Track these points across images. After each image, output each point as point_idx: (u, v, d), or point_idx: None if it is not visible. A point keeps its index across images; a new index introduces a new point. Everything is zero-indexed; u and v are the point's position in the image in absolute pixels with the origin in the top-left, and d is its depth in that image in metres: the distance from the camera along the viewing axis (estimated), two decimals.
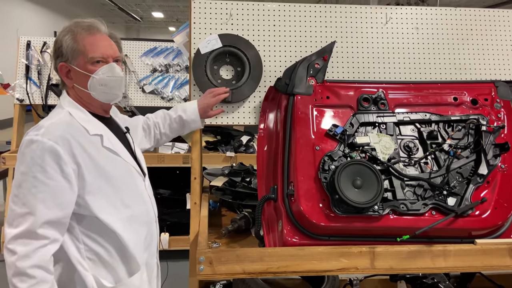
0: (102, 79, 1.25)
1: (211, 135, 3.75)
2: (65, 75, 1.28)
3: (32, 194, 1.13)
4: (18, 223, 1.12)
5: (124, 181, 1.32)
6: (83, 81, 1.26)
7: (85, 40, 1.25)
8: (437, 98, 1.75)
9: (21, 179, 1.14)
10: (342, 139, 1.61)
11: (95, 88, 1.26)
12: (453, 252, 1.51)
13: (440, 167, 1.62)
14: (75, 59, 1.24)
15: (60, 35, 1.27)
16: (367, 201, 1.46)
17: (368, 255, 1.49)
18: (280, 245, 1.54)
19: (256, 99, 1.78)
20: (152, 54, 3.53)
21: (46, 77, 3.34)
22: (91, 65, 1.25)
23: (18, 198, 1.13)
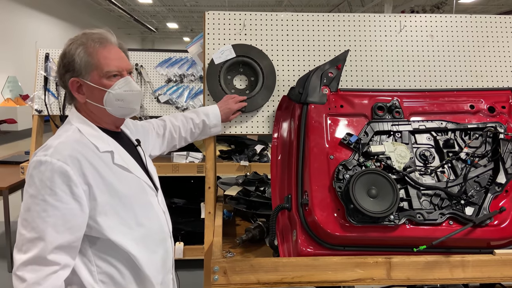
0: (119, 94, 1.21)
1: (225, 145, 3.77)
2: (76, 91, 1.22)
3: (42, 218, 1.08)
4: (27, 248, 1.07)
5: (137, 199, 1.27)
6: (97, 96, 1.21)
7: (99, 54, 1.20)
8: (453, 106, 1.72)
9: (30, 202, 1.09)
10: (356, 148, 1.60)
11: (112, 103, 1.21)
12: (471, 263, 1.48)
13: (457, 176, 1.59)
14: (88, 73, 1.19)
15: (71, 48, 1.21)
16: (383, 210, 1.44)
17: (384, 266, 1.46)
18: (294, 255, 1.53)
19: (270, 109, 1.79)
20: (167, 65, 3.58)
21: None
22: (107, 79, 1.20)
23: (27, 222, 1.08)
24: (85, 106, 1.24)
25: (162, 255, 1.36)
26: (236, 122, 1.77)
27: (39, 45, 3.39)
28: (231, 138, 3.73)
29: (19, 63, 11.67)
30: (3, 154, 4.70)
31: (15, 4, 11.86)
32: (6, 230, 3.28)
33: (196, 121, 1.67)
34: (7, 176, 3.46)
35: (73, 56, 1.19)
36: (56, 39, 14.16)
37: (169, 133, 1.66)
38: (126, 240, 1.21)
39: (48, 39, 13.46)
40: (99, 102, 1.21)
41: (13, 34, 11.79)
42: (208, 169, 1.73)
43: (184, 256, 3.21)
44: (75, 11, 15.92)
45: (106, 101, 1.21)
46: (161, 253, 1.35)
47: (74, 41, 1.22)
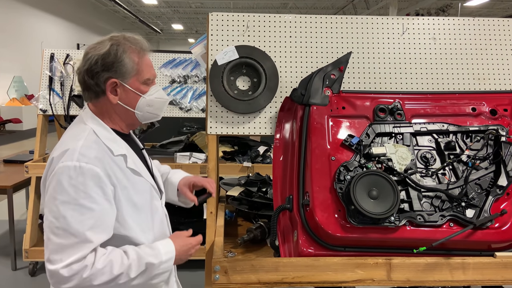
0: (151, 100, 1.25)
1: (228, 146, 3.78)
2: (111, 91, 1.21)
3: (80, 222, 1.08)
4: (69, 254, 1.07)
5: (147, 203, 1.29)
6: (132, 100, 1.23)
7: (143, 61, 1.23)
8: (455, 108, 1.73)
9: (62, 209, 1.08)
10: (358, 149, 1.60)
11: (143, 108, 1.24)
12: (472, 265, 1.48)
13: (458, 178, 1.60)
14: (128, 77, 1.20)
15: (116, 49, 1.19)
16: (383, 212, 1.45)
17: (384, 267, 1.47)
18: (295, 255, 1.53)
19: (272, 110, 1.80)
20: (171, 66, 3.60)
21: (69, 88, 3.44)
22: (143, 85, 1.23)
23: (63, 230, 1.07)
24: (110, 106, 1.23)
25: None
26: (238, 123, 1.78)
27: (45, 45, 3.42)
28: (234, 139, 3.75)
29: (25, 63, 11.76)
30: (8, 153, 4.73)
31: (21, 4, 11.96)
32: (10, 228, 3.30)
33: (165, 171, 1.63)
34: (12, 175, 3.49)
35: (121, 58, 1.19)
36: (62, 40, 14.26)
37: None
38: (141, 242, 1.23)
39: (54, 40, 13.55)
40: (131, 106, 1.23)
41: (19, 35, 11.89)
42: (210, 169, 1.75)
43: None
44: (81, 12, 16.02)
45: (138, 105, 1.23)
46: None
47: (117, 43, 1.21)
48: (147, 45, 1.27)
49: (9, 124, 11.17)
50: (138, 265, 1.14)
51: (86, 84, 1.22)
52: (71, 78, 3.45)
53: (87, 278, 1.07)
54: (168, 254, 1.23)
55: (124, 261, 1.12)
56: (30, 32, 12.49)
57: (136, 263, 1.14)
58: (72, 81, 3.44)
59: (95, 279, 1.07)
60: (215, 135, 1.77)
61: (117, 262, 1.11)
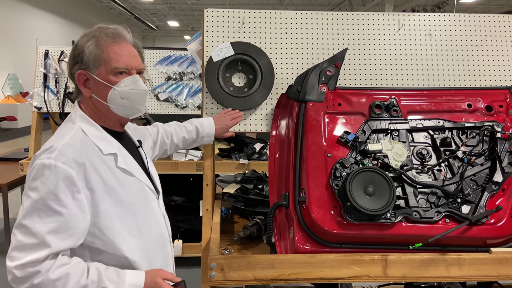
0: (124, 91, 1.16)
1: (224, 143, 3.77)
2: (83, 84, 1.18)
3: (44, 224, 1.03)
4: (26, 254, 1.03)
5: (139, 204, 1.23)
6: (102, 92, 1.16)
7: (110, 48, 1.15)
8: (450, 104, 1.73)
9: (30, 207, 1.04)
10: (354, 146, 1.60)
11: (116, 101, 1.17)
12: (467, 261, 1.48)
13: (454, 174, 1.60)
14: (96, 67, 1.15)
15: (82, 40, 1.17)
16: (379, 208, 1.45)
17: (380, 263, 1.47)
18: (291, 252, 1.53)
19: (268, 106, 1.79)
20: (167, 62, 3.58)
21: (63, 85, 3.42)
22: (113, 75, 1.16)
23: (26, 229, 1.04)
24: (90, 101, 1.20)
25: (162, 261, 1.33)
26: None
27: (40, 42, 3.41)
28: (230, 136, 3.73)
29: (20, 60, 11.68)
30: (3, 151, 4.70)
31: (16, 1, 11.87)
32: (6, 226, 3.28)
33: (189, 128, 1.68)
34: (7, 172, 3.47)
35: (83, 48, 1.15)
36: (56, 37, 14.16)
37: (161, 138, 1.65)
38: (129, 247, 1.18)
39: (48, 37, 13.47)
40: (104, 99, 1.16)
41: (14, 32, 11.80)
42: (206, 167, 1.74)
43: (183, 253, 3.22)
44: (76, 8, 15.92)
45: (110, 98, 1.16)
46: (161, 259, 1.33)
47: (87, 34, 1.17)
48: (125, 34, 1.21)
49: (4, 122, 11.11)
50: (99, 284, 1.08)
51: (72, 81, 1.22)
52: (65, 75, 3.43)
53: (37, 285, 1.02)
54: (132, 287, 1.12)
55: (82, 280, 1.05)
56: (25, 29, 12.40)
57: (92, 285, 1.06)
58: (66, 78, 3.42)
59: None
60: None
61: (74, 278, 1.04)
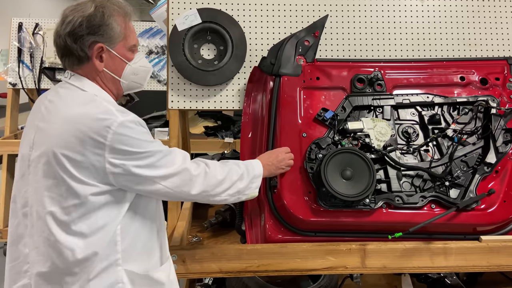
0: (136, 68, 1.19)
1: (211, 120, 3.62)
2: (97, 57, 1.12)
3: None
4: (169, 175, 1.10)
5: None
6: (117, 67, 1.16)
7: (130, 26, 1.18)
8: (441, 78, 1.57)
9: (149, 147, 1.07)
10: (332, 124, 1.45)
11: (128, 77, 1.18)
12: (454, 250, 1.36)
13: (443, 155, 1.46)
14: (116, 42, 1.14)
15: (103, 12, 1.11)
16: (357, 193, 1.32)
17: (358, 253, 1.35)
18: (262, 241, 1.41)
19: (241, 81, 1.63)
20: (148, 35, 3.38)
21: (39, 60, 3.23)
22: (129, 52, 1.18)
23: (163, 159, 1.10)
24: (96, 74, 1.14)
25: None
26: (203, 96, 1.62)
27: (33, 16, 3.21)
28: (217, 113, 3.58)
29: None
30: None
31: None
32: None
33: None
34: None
35: (108, 21, 1.11)
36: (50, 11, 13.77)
37: None
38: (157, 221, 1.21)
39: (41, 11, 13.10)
40: (117, 74, 1.16)
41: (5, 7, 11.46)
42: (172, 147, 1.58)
43: None
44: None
45: (125, 73, 1.17)
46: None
47: (102, 5, 1.12)
48: (131, 10, 1.21)
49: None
50: (238, 166, 1.25)
51: (68, 49, 1.11)
52: (41, 49, 3.23)
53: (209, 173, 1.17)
54: (256, 161, 1.33)
55: (224, 164, 1.23)
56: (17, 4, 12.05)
57: (234, 165, 1.25)
58: (42, 52, 3.23)
59: (216, 172, 1.18)
60: (177, 110, 1.61)
61: (234, 166, 1.23)
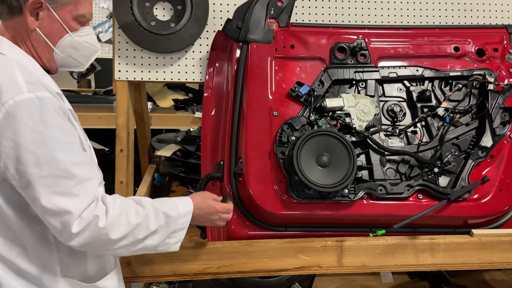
0: (78, 42, 1.01)
1: (181, 93, 3.36)
2: (31, 12, 0.95)
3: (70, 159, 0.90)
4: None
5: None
6: (55, 33, 0.98)
7: None
8: (433, 48, 1.41)
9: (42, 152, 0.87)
10: (307, 101, 1.26)
11: (65, 49, 1.00)
12: (442, 246, 1.22)
13: (432, 137, 1.30)
14: (62, 5, 0.97)
15: None
16: (335, 183, 1.14)
17: (334, 250, 1.18)
18: (224, 237, 1.22)
19: (202, 48, 1.40)
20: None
21: None
22: (75, 21, 1.00)
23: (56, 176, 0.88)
24: (25, 32, 0.98)
25: None
26: (157, 66, 1.39)
27: None
28: None
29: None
30: None
31: None
32: None
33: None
34: None
35: None
36: None
37: None
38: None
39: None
40: (52, 41, 0.98)
41: None
42: (119, 126, 1.36)
43: None
44: None
45: (61, 44, 0.99)
46: None
47: None
48: None
49: None
50: (156, 215, 0.95)
51: None
52: None
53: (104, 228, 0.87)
54: (186, 207, 1.01)
55: (139, 210, 0.93)
56: None
57: (152, 212, 0.94)
58: None
59: (112, 229, 0.88)
60: (125, 81, 1.37)
61: (133, 209, 0.93)
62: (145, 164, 1.84)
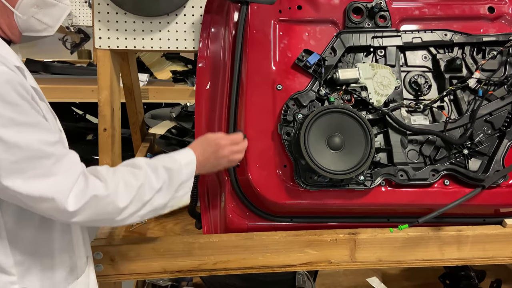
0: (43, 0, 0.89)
1: (180, 64, 3.17)
2: None
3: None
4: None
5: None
6: None
7: None
8: (464, 8, 1.22)
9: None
10: (317, 72, 1.08)
11: (26, 9, 0.88)
12: (471, 239, 1.08)
13: (462, 113, 1.11)
14: None
15: None
16: (349, 169, 0.98)
17: (347, 244, 1.04)
18: (222, 228, 1.08)
19: (195, 11, 1.22)
20: None
21: None
22: None
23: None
24: None
25: None
26: (143, 32, 1.21)
27: None
28: None
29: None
30: None
31: None
32: None
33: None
34: None
35: None
36: None
37: None
38: None
39: None
40: (11, 1, 0.87)
41: None
42: (102, 102, 1.19)
43: None
44: None
45: (21, 3, 0.87)
46: None
47: None
48: None
49: None
50: (156, 173, 0.88)
51: None
52: None
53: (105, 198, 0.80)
54: (186, 157, 0.94)
55: (136, 172, 0.86)
56: None
57: (151, 171, 0.87)
58: None
59: (116, 198, 0.81)
60: (107, 50, 1.19)
61: (129, 174, 0.85)
62: (138, 143, 1.69)
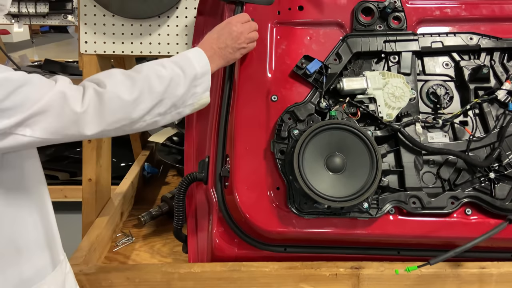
0: None
1: None
2: None
3: None
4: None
5: None
6: None
7: None
8: (493, 8, 1.08)
9: None
10: (318, 82, 0.95)
11: None
12: (495, 277, 0.95)
13: (488, 130, 0.96)
14: None
15: None
16: (350, 195, 0.84)
17: (348, 280, 0.92)
18: (208, 255, 0.97)
19: (188, 13, 1.12)
20: None
21: None
22: None
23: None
24: None
25: None
26: (132, 36, 1.13)
27: None
28: None
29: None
30: None
31: None
32: None
33: None
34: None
35: None
36: None
37: None
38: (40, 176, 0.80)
39: None
40: None
41: None
42: None
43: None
44: None
45: None
46: None
47: None
48: None
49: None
50: (162, 65, 0.79)
51: None
52: None
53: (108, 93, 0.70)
54: (194, 50, 0.86)
55: (137, 68, 0.78)
56: None
57: (156, 64, 0.79)
58: None
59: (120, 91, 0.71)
60: (93, 55, 1.10)
61: (128, 71, 0.77)
62: (138, 151, 1.61)
